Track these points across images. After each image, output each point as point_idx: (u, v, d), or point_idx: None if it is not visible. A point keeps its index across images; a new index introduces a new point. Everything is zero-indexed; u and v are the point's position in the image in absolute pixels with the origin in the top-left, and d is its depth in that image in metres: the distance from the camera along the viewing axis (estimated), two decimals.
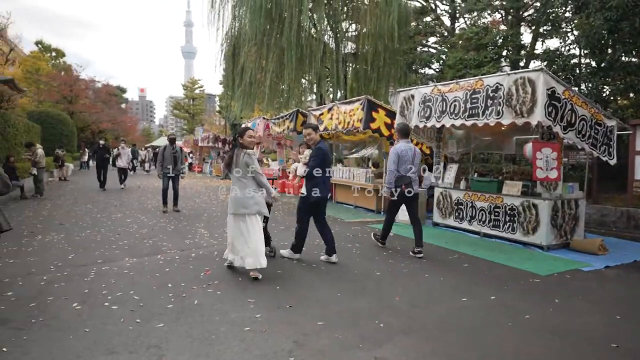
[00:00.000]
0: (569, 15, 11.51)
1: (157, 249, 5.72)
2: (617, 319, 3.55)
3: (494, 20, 16.57)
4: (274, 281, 4.36)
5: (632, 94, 10.08)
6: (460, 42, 14.86)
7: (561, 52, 11.23)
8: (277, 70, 16.07)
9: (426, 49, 18.36)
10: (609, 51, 9.82)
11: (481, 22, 15.74)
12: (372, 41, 15.74)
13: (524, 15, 15.23)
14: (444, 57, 16.23)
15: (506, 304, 3.82)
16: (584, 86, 10.51)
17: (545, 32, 13.52)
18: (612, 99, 10.43)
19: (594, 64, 10.51)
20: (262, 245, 4.45)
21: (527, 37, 15.56)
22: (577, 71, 10.78)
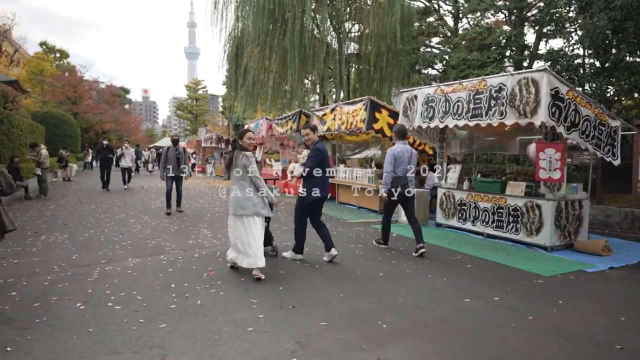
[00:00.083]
0: (572, 15, 11.46)
1: (160, 249, 5.75)
2: (621, 320, 3.53)
3: (497, 20, 16.53)
4: (277, 281, 4.37)
5: (636, 94, 10.05)
6: (463, 42, 14.85)
7: (565, 52, 11.19)
8: (280, 70, 16.06)
9: (429, 50, 18.36)
10: (613, 51, 9.78)
11: (484, 23, 15.72)
12: (375, 42, 15.71)
13: (528, 15, 15.20)
14: (447, 57, 16.23)
15: (509, 305, 3.81)
16: (588, 86, 10.47)
17: (548, 32, 13.49)
18: (616, 99, 10.39)
19: (597, 64, 10.46)
20: (260, 245, 4.48)
21: (530, 37, 15.55)
22: (581, 71, 10.75)
